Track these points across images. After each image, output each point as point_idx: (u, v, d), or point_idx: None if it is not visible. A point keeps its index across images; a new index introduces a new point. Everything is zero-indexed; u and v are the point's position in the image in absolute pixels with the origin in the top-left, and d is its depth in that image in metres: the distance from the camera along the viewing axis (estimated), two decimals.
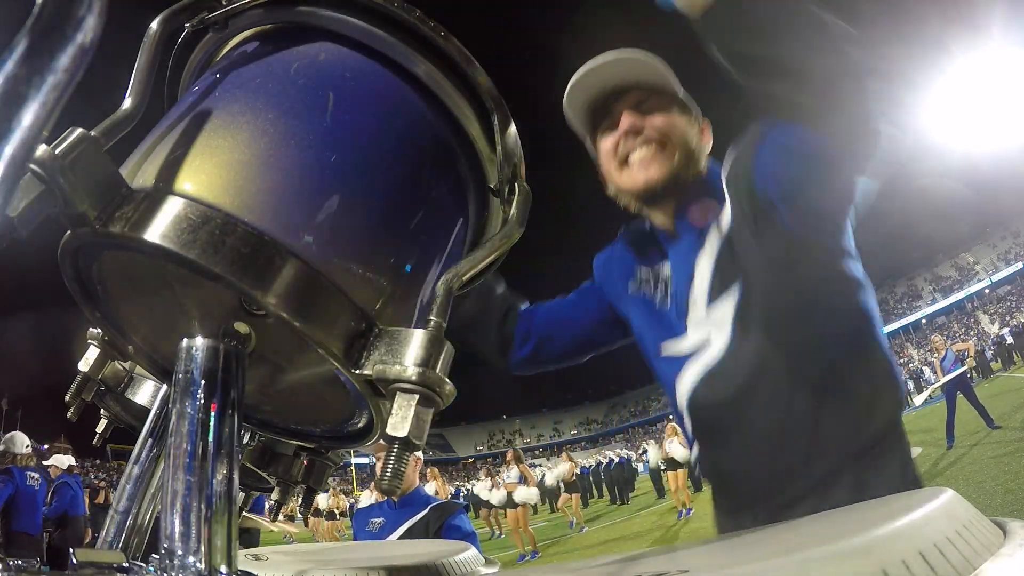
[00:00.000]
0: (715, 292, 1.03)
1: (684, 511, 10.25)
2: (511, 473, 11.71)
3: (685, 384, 1.08)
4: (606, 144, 1.13)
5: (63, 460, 6.18)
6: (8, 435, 6.02)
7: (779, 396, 0.99)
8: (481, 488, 13.50)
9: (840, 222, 1.01)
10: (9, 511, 5.37)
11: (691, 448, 1.15)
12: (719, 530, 1.14)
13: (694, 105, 1.16)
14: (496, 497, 12.00)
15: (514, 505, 11.04)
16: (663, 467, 12.03)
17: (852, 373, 0.99)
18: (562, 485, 13.73)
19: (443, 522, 2.67)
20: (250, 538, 5.66)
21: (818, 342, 1.00)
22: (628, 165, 1.10)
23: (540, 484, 13.41)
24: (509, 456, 12.58)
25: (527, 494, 11.17)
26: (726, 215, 1.05)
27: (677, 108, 1.12)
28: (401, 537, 2.69)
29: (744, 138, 1.04)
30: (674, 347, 1.10)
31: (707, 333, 1.05)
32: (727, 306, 1.02)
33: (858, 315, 1.01)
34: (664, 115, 1.10)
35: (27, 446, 5.83)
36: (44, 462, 6.59)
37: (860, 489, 0.93)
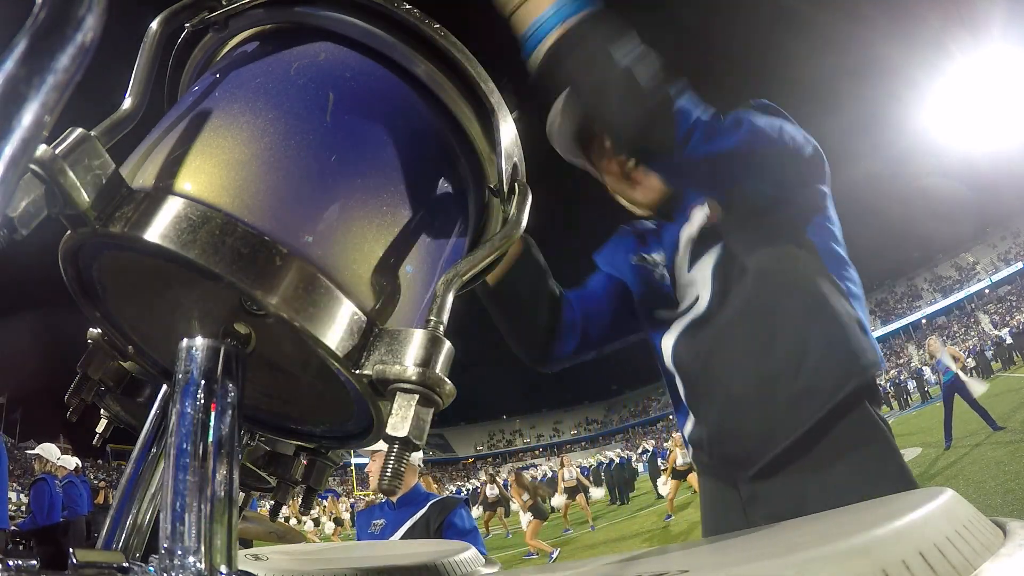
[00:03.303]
0: (696, 255, 1.11)
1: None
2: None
3: (669, 340, 1.12)
4: (611, 166, 1.20)
5: (70, 461, 6.20)
6: (39, 447, 6.16)
7: (760, 341, 0.99)
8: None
9: (805, 191, 1.07)
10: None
11: (684, 422, 1.13)
12: (704, 498, 1.15)
13: None
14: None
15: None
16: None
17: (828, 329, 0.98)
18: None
19: (443, 519, 2.67)
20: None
21: (794, 295, 1.01)
22: (637, 182, 1.18)
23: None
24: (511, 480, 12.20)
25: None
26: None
27: None
28: (403, 536, 2.69)
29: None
30: (666, 313, 1.14)
31: (693, 294, 1.10)
32: (707, 265, 1.08)
33: (823, 275, 1.01)
34: None
35: (59, 456, 6.02)
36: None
37: (841, 447, 0.93)
